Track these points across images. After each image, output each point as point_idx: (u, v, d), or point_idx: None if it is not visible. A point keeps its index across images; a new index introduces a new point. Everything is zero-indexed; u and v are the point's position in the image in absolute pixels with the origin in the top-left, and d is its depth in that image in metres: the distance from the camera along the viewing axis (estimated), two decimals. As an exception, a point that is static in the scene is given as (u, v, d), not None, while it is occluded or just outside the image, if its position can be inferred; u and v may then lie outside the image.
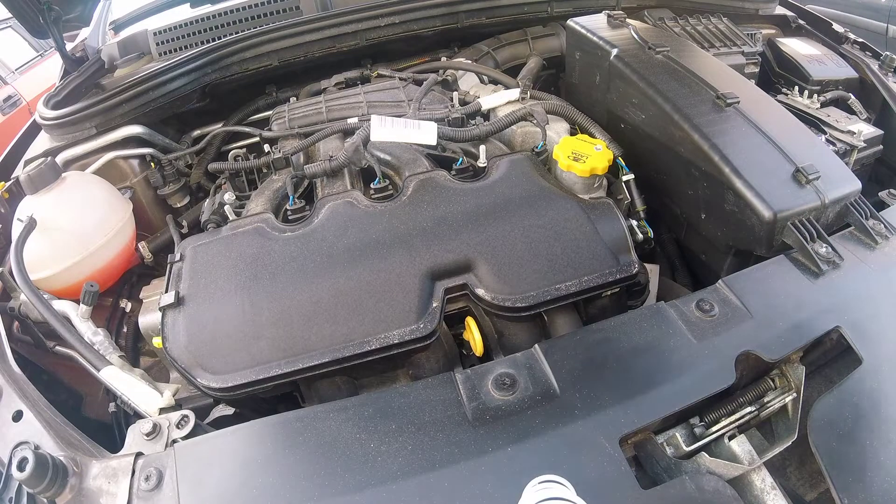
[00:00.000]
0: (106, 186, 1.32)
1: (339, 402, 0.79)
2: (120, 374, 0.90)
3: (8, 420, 0.85)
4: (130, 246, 1.32)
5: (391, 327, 0.88)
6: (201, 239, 1.06)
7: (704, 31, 1.58)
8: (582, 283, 0.93)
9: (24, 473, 0.68)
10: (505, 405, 0.75)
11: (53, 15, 1.64)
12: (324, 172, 1.18)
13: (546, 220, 0.99)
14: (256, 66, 1.59)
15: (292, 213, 1.14)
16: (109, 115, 1.41)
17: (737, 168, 0.97)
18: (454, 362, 1.00)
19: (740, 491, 0.68)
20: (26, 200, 1.19)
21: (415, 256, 0.95)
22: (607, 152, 1.08)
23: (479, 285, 0.93)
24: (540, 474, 0.64)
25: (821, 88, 1.47)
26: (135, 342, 1.28)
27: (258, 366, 0.86)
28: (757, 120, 1.06)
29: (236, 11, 1.79)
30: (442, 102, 1.43)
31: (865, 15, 3.47)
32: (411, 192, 1.07)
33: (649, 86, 1.14)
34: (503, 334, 1.01)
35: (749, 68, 1.54)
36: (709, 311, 0.85)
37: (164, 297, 0.94)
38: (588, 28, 1.36)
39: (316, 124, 1.39)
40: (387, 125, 1.16)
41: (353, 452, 0.72)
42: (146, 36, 1.85)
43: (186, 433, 0.78)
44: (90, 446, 0.80)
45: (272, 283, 0.94)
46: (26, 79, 4.23)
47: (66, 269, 1.16)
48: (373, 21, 1.62)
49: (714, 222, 1.07)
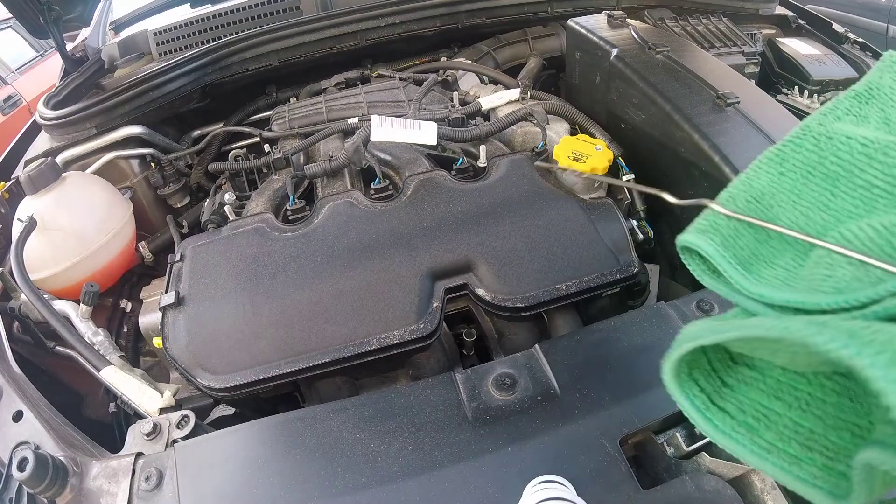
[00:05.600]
0: (106, 187, 1.32)
1: (339, 402, 0.79)
2: (120, 374, 0.90)
3: (8, 420, 0.85)
4: (130, 246, 1.32)
5: (391, 327, 0.88)
6: (201, 239, 1.06)
7: (704, 31, 1.58)
8: (582, 283, 0.93)
9: (24, 473, 0.68)
10: (505, 405, 0.75)
11: (53, 15, 1.64)
12: (324, 172, 1.18)
13: (546, 220, 0.99)
14: (256, 66, 1.59)
15: (292, 214, 1.14)
16: (109, 115, 1.41)
17: (737, 168, 0.97)
18: (454, 362, 1.00)
19: (740, 491, 0.68)
20: (26, 200, 1.19)
21: (415, 256, 0.95)
22: (607, 152, 1.08)
23: (480, 285, 0.93)
24: (540, 474, 0.64)
25: (821, 88, 1.47)
26: (135, 342, 1.28)
27: (258, 366, 0.86)
28: (757, 120, 1.06)
29: (236, 11, 1.79)
30: (442, 102, 1.43)
31: (865, 15, 3.47)
32: (411, 192, 1.07)
33: (649, 86, 1.14)
34: (503, 334, 1.01)
35: (749, 68, 1.54)
36: (709, 311, 0.85)
37: (164, 297, 0.94)
38: (588, 28, 1.36)
39: (316, 124, 1.39)
40: (387, 125, 1.17)
41: (354, 452, 0.72)
42: (146, 36, 1.85)
43: (187, 433, 0.78)
44: (90, 446, 0.80)
45: (272, 284, 0.94)
46: (26, 79, 4.23)
47: (67, 270, 1.16)
48: (373, 21, 1.62)
49: (714, 222, 1.07)
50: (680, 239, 0.42)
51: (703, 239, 0.40)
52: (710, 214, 0.42)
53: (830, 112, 0.43)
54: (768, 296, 0.35)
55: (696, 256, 0.42)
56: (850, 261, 0.33)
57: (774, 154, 0.43)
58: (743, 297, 0.37)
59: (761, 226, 0.40)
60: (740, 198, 0.42)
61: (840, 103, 0.44)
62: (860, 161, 0.38)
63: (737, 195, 0.42)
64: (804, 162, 0.41)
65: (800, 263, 0.38)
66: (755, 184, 0.42)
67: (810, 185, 0.40)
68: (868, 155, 0.38)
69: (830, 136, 0.40)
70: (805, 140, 0.42)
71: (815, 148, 0.41)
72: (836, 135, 0.40)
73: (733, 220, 0.41)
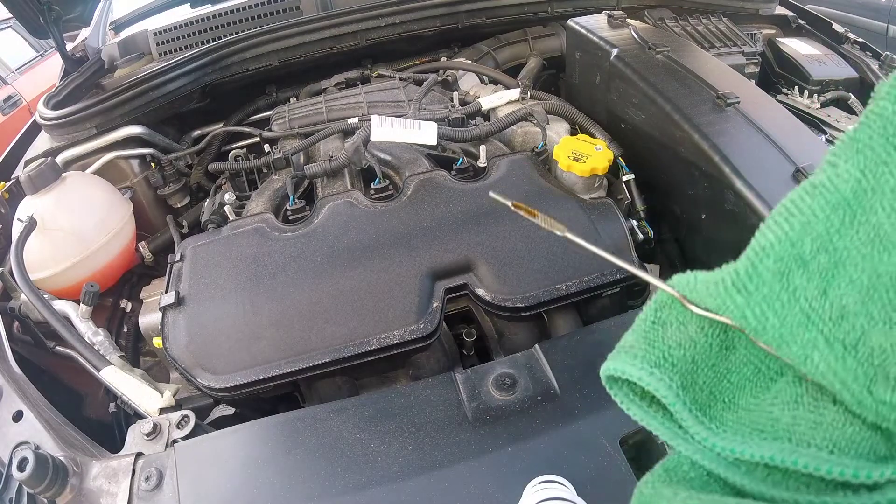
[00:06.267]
0: (106, 187, 1.32)
1: (339, 402, 0.79)
2: (120, 374, 0.90)
3: (8, 420, 0.85)
4: (131, 246, 1.32)
5: (391, 327, 0.88)
6: (201, 239, 1.06)
7: (704, 31, 1.58)
8: (582, 283, 0.93)
9: (24, 473, 0.68)
10: (505, 405, 0.75)
11: (53, 15, 1.64)
12: (324, 172, 1.18)
13: (546, 220, 0.99)
14: (256, 66, 1.59)
15: (292, 214, 1.14)
16: (109, 115, 1.41)
17: (737, 168, 0.97)
18: (454, 362, 1.00)
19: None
20: (26, 200, 1.19)
21: (415, 256, 0.95)
22: (607, 152, 1.08)
23: (480, 285, 0.93)
24: (540, 474, 0.64)
25: (821, 88, 1.47)
26: (135, 342, 1.28)
27: (258, 366, 0.86)
28: (757, 120, 1.06)
29: (236, 11, 1.79)
30: (442, 102, 1.43)
31: (865, 15, 3.47)
32: (411, 193, 1.07)
33: (649, 86, 1.14)
34: (503, 334, 1.01)
35: (749, 68, 1.54)
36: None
37: (164, 297, 0.94)
38: (588, 28, 1.36)
39: (316, 124, 1.39)
40: (387, 125, 1.17)
41: (354, 452, 0.72)
42: (146, 36, 1.84)
43: (187, 433, 0.78)
44: (90, 446, 0.80)
45: (272, 284, 0.94)
46: (26, 79, 4.23)
47: (67, 270, 1.16)
48: (373, 21, 1.62)
49: (714, 222, 1.07)
50: (614, 368, 0.32)
51: (656, 376, 0.30)
52: (655, 324, 0.32)
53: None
54: (740, 451, 0.28)
55: (621, 381, 0.33)
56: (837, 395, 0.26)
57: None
58: (697, 447, 0.30)
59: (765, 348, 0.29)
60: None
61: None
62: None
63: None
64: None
65: (760, 398, 0.31)
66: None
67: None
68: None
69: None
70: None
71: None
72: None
73: (688, 348, 0.31)
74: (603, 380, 0.33)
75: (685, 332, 0.31)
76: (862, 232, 0.27)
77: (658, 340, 0.31)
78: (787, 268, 0.29)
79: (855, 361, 0.26)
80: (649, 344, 0.31)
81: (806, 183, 0.29)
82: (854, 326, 0.26)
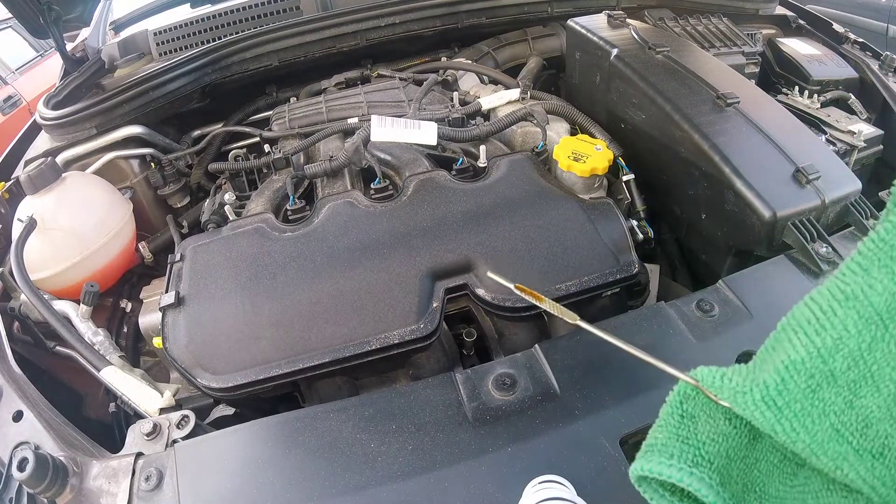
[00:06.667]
0: (106, 187, 1.32)
1: (339, 402, 0.79)
2: (120, 374, 0.90)
3: (8, 420, 0.85)
4: (130, 246, 1.32)
5: (391, 327, 0.88)
6: (201, 239, 1.06)
7: (704, 31, 1.58)
8: (582, 283, 0.93)
9: (24, 474, 0.68)
10: (505, 405, 0.75)
11: (53, 15, 1.64)
12: (324, 172, 1.18)
13: (546, 220, 0.99)
14: (256, 66, 1.59)
15: (292, 214, 1.14)
16: (109, 115, 1.41)
17: (737, 168, 0.97)
18: (454, 362, 1.00)
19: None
20: (26, 200, 1.19)
21: (415, 256, 0.95)
22: (607, 152, 1.08)
23: (480, 285, 0.93)
24: (540, 474, 0.64)
25: (821, 88, 1.47)
26: (135, 342, 1.28)
27: (258, 366, 0.86)
28: (757, 120, 1.06)
29: (236, 11, 1.79)
30: (442, 102, 1.43)
31: (865, 15, 3.47)
32: (411, 193, 1.07)
33: (649, 86, 1.14)
34: (503, 334, 1.01)
35: (749, 68, 1.54)
36: (709, 311, 0.85)
37: (164, 297, 0.94)
38: (588, 28, 1.36)
39: (316, 124, 1.39)
40: (387, 125, 1.17)
41: (354, 452, 0.72)
42: (146, 36, 1.84)
43: (187, 433, 0.78)
44: (90, 446, 0.80)
45: (272, 284, 0.94)
46: (26, 79, 4.23)
47: (67, 270, 1.16)
48: (373, 21, 1.62)
49: (714, 222, 1.07)
50: (650, 469, 0.30)
51: (696, 476, 0.29)
52: (684, 417, 0.31)
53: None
54: None
55: (649, 478, 0.32)
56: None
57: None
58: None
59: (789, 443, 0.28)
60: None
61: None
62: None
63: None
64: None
65: (788, 485, 0.31)
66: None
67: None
68: None
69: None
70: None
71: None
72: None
73: (721, 442, 0.30)
74: (633, 479, 0.32)
75: (715, 425, 0.31)
76: (893, 345, 0.27)
77: (691, 437, 0.31)
78: (817, 384, 0.28)
79: (883, 468, 0.26)
80: (682, 441, 0.31)
81: (836, 289, 0.29)
82: (878, 433, 0.27)
